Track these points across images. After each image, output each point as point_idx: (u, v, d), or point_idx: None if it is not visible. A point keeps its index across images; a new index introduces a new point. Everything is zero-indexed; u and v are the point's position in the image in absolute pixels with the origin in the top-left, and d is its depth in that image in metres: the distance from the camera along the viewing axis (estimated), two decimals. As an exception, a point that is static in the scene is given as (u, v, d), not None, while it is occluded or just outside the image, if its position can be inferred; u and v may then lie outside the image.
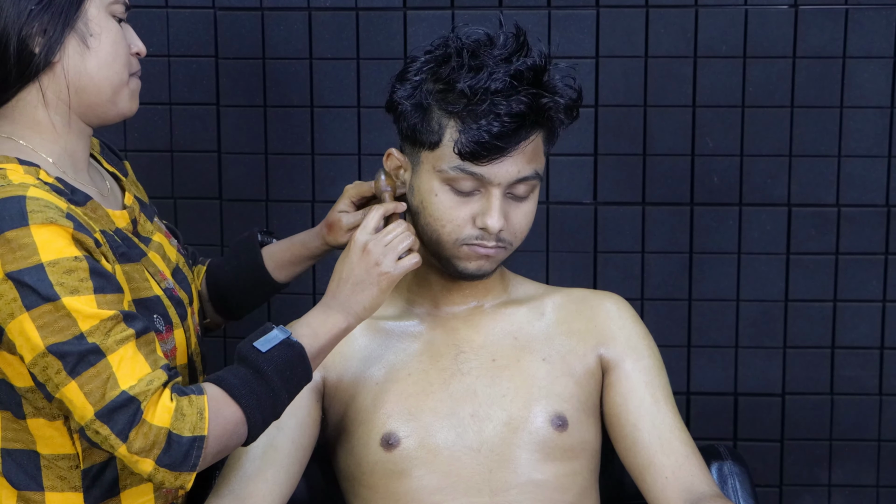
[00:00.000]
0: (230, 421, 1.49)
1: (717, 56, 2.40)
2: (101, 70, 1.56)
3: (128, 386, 1.44)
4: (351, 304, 1.59)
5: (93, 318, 1.45)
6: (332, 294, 1.60)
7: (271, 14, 2.42)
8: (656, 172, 2.44)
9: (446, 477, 1.66)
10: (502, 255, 1.68)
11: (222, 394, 1.49)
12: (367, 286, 1.60)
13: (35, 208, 1.45)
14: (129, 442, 1.44)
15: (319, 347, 1.56)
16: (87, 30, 1.55)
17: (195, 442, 1.46)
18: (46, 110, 1.57)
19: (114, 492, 1.60)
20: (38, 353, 1.44)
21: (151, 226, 1.71)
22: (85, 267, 1.46)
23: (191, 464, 1.47)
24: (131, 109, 1.62)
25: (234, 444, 1.51)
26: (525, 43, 1.61)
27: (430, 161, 1.64)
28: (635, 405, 1.71)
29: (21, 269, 1.43)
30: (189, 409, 1.46)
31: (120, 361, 1.45)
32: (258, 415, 1.51)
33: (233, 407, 1.49)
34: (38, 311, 1.44)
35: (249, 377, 1.50)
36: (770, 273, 2.46)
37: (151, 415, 1.44)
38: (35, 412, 1.55)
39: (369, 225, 1.63)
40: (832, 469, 2.52)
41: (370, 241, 1.61)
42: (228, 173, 2.47)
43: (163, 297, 1.61)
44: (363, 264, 1.60)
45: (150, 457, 1.45)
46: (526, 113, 1.59)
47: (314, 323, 1.57)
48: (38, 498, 1.57)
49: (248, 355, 1.52)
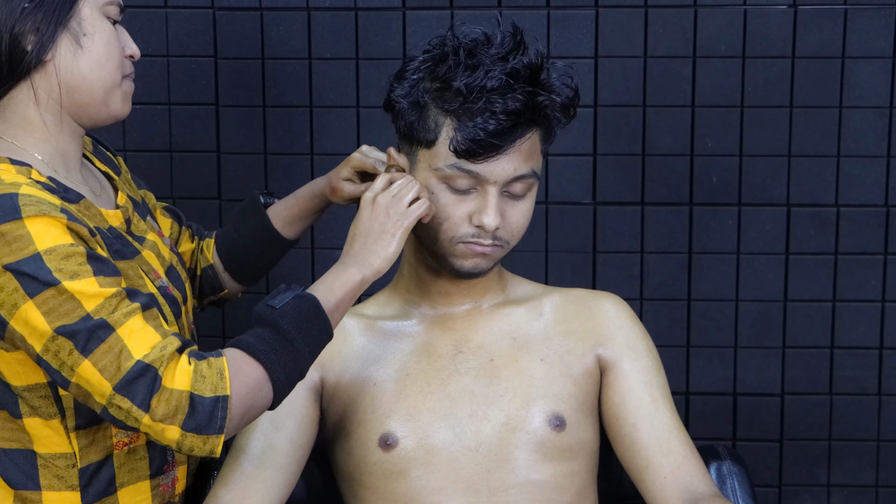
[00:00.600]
0: (252, 379, 1.48)
1: (716, 56, 2.40)
2: (93, 70, 1.56)
3: (142, 355, 1.44)
4: (366, 255, 1.60)
5: (97, 297, 1.45)
6: (347, 252, 1.61)
7: (270, 14, 2.42)
8: (655, 172, 2.44)
9: (444, 477, 1.66)
10: (499, 254, 1.68)
11: (241, 353, 1.49)
12: (381, 237, 1.60)
13: (28, 203, 1.46)
14: (152, 410, 1.43)
15: (336, 301, 1.56)
16: (81, 29, 1.55)
17: (219, 402, 1.45)
18: (38, 109, 1.57)
19: (110, 490, 1.60)
20: (48, 337, 1.44)
21: (145, 225, 1.71)
22: (82, 252, 1.46)
23: (217, 426, 1.45)
24: (123, 112, 1.62)
25: (260, 403, 1.50)
26: (522, 42, 1.62)
27: (427, 159, 1.64)
28: (634, 405, 1.71)
29: (19, 261, 1.44)
30: (208, 370, 1.45)
31: (130, 333, 1.45)
32: (280, 371, 1.49)
33: (253, 364, 1.48)
34: (42, 298, 1.44)
35: (266, 334, 1.50)
36: (769, 273, 2.46)
37: (171, 380, 1.44)
38: (31, 411, 1.55)
39: (377, 186, 1.65)
40: (831, 469, 2.52)
41: (378, 195, 1.62)
42: (227, 173, 2.48)
43: (157, 294, 1.61)
44: (374, 217, 1.61)
45: (174, 423, 1.44)
46: (522, 111, 1.59)
47: (328, 279, 1.58)
48: (35, 497, 1.57)
49: (262, 313, 1.52)
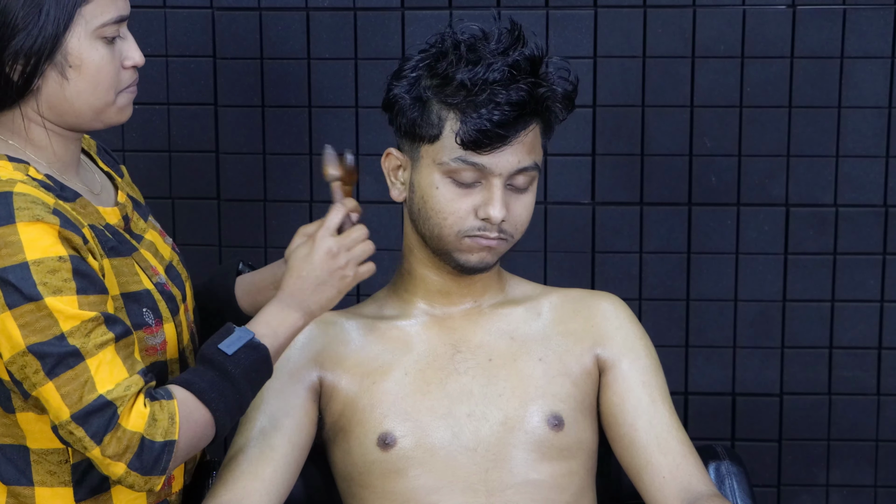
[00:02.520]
0: (199, 424, 1.52)
1: (714, 56, 2.40)
2: (80, 97, 1.56)
3: (105, 390, 1.46)
4: (309, 302, 1.62)
5: (74, 318, 1.46)
6: (290, 292, 1.62)
7: (269, 14, 2.42)
8: (654, 172, 2.44)
9: (443, 476, 1.66)
10: (503, 248, 1.68)
11: (192, 397, 1.52)
12: (328, 287, 1.63)
13: (22, 205, 1.46)
14: (104, 445, 1.46)
15: (279, 346, 1.60)
16: (67, 62, 1.53)
17: (166, 447, 1.49)
18: (29, 124, 1.57)
19: (104, 487, 1.61)
20: (18, 351, 1.46)
21: (145, 224, 1.71)
22: (69, 267, 1.47)
23: (161, 468, 1.49)
24: (119, 120, 1.61)
25: (202, 444, 1.55)
26: (520, 36, 1.63)
27: (431, 154, 1.64)
28: (632, 405, 1.71)
29: (6, 267, 1.45)
30: (161, 413, 1.49)
31: (98, 365, 1.47)
32: (226, 417, 1.55)
33: (202, 410, 1.52)
34: (20, 311, 1.45)
35: (217, 380, 1.54)
36: (768, 273, 2.46)
37: (126, 420, 1.47)
38: (24, 406, 1.55)
39: (331, 225, 1.65)
40: (830, 469, 2.52)
41: (334, 246, 1.63)
42: (226, 173, 2.47)
43: (153, 290, 1.62)
44: (326, 267, 1.62)
45: (122, 461, 1.47)
46: (526, 101, 1.60)
47: (273, 322, 1.60)
48: (28, 493, 1.58)
49: (214, 357, 1.55)
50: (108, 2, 1.56)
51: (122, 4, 1.58)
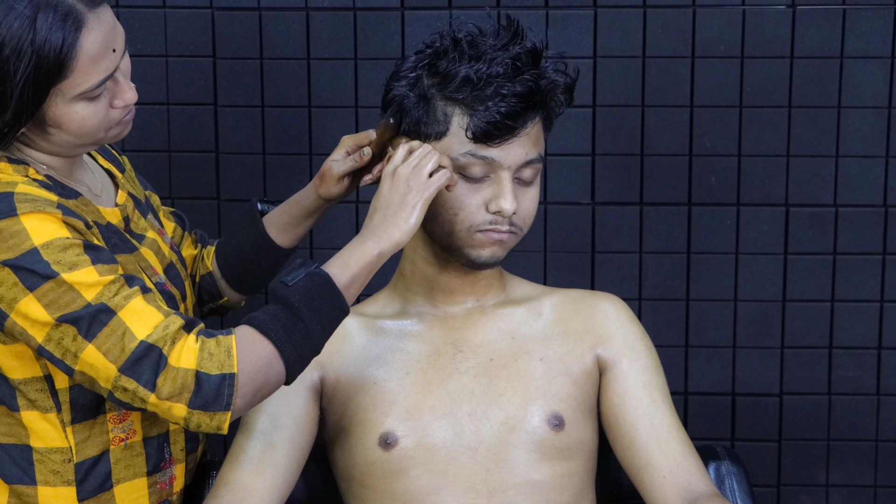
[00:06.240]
0: (261, 356, 1.48)
1: (714, 56, 2.40)
2: (64, 145, 1.55)
3: (145, 335, 1.45)
4: (385, 228, 1.58)
5: (96, 285, 1.46)
6: (367, 225, 1.60)
7: (269, 14, 2.42)
8: (654, 173, 2.44)
9: (444, 476, 1.66)
10: (513, 241, 1.68)
11: (251, 331, 1.49)
12: (401, 209, 1.59)
13: (23, 200, 1.47)
14: (158, 389, 1.44)
15: (351, 277, 1.56)
16: (47, 121, 1.52)
17: (225, 379, 1.45)
18: (24, 147, 1.57)
19: (106, 486, 1.60)
20: (51, 326, 1.45)
21: (145, 223, 1.71)
22: (79, 243, 1.47)
23: (224, 402, 1.46)
24: (115, 140, 1.60)
25: (272, 380, 1.51)
26: (519, 31, 1.64)
27: (438, 151, 1.64)
28: (633, 405, 1.71)
29: (16, 257, 1.45)
30: (216, 348, 1.46)
31: (132, 314, 1.46)
32: (291, 349, 1.50)
33: (263, 342, 1.49)
34: (42, 290, 1.45)
35: (278, 311, 1.50)
36: (768, 273, 2.46)
37: (176, 358, 1.45)
38: (29, 405, 1.55)
39: (397, 158, 1.63)
40: (830, 469, 2.52)
41: (398, 167, 1.61)
42: (226, 173, 2.48)
43: (153, 290, 1.62)
44: (394, 189, 1.59)
45: (181, 401, 1.45)
46: (531, 92, 1.61)
47: (345, 254, 1.57)
48: (31, 492, 1.58)
49: (275, 290, 1.52)
50: (90, 68, 1.48)
51: (108, 64, 1.50)
